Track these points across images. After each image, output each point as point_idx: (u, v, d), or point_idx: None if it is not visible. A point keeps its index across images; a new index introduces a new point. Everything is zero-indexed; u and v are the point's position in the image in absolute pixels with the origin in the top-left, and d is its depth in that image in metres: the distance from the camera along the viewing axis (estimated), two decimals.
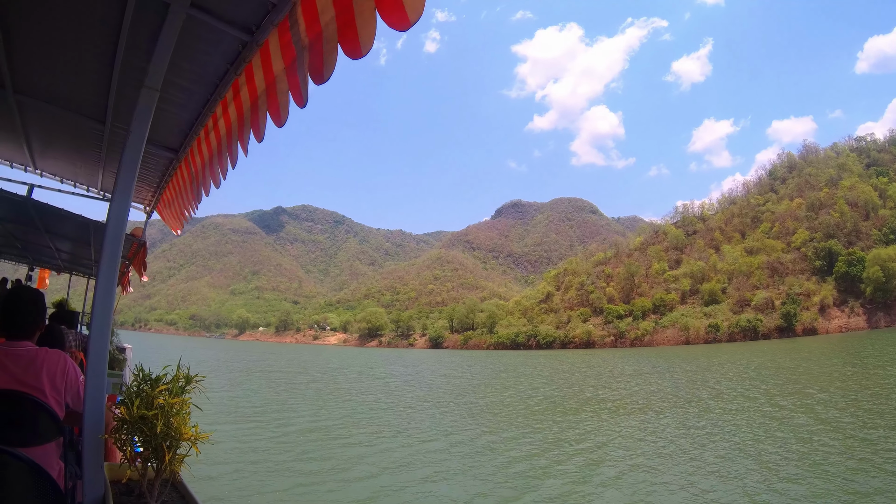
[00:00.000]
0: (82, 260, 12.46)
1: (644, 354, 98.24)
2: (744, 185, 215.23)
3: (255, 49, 3.36)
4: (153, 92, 3.22)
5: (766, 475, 14.23)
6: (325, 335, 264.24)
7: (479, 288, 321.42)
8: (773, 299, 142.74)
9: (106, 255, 3.10)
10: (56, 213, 6.47)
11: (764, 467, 15.01)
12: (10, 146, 6.89)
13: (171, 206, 7.21)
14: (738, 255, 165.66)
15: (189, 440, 2.82)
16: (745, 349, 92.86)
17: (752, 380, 38.51)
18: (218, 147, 4.52)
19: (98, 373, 3.02)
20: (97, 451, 2.94)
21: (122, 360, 11.02)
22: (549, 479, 14.77)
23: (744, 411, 24.56)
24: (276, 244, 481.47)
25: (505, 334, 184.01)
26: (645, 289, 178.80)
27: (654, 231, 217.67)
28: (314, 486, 13.74)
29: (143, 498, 2.88)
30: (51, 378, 2.98)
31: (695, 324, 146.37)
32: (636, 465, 15.93)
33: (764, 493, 12.83)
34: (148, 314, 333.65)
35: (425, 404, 29.95)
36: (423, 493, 13.41)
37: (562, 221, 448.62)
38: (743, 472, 14.54)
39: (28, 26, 3.81)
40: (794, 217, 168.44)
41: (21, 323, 3.06)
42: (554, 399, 32.64)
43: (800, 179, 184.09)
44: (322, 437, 20.17)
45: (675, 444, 18.55)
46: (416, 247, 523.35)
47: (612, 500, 12.96)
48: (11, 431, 2.80)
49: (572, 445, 18.87)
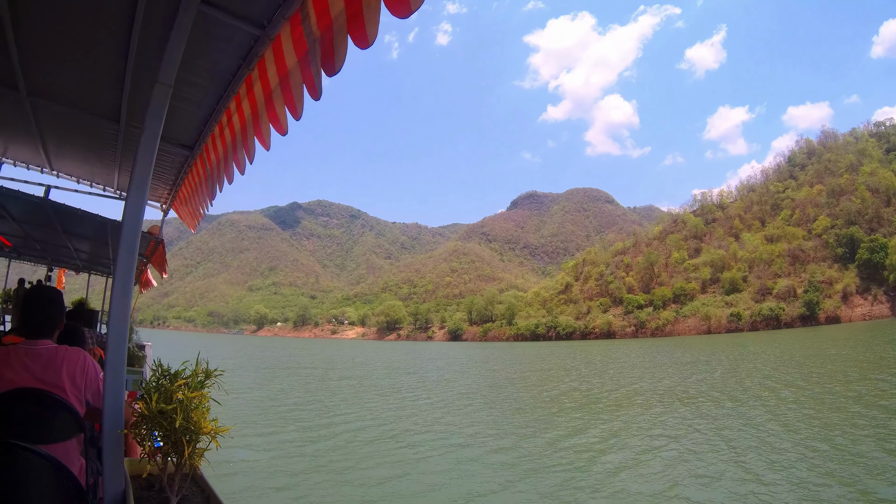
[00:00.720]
0: (101, 259, 12.57)
1: (672, 344, 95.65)
2: (762, 172, 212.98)
3: (266, 43, 3.37)
4: (166, 89, 3.22)
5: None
6: (344, 329, 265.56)
7: (496, 280, 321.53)
8: (795, 287, 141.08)
9: (122, 253, 3.11)
10: (73, 213, 6.51)
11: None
12: (26, 148, 6.95)
13: (188, 203, 7.23)
14: (759, 243, 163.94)
15: (209, 434, 2.84)
16: (773, 338, 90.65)
17: (805, 367, 37.24)
18: (233, 142, 4.53)
19: (117, 369, 3.05)
20: (117, 446, 2.97)
21: (141, 357, 11.13)
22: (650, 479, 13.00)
23: (825, 399, 23.21)
24: (292, 239, 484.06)
25: (524, 325, 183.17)
26: (665, 278, 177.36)
27: (672, 220, 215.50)
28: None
29: (163, 492, 2.90)
30: (71, 375, 3.00)
31: (716, 313, 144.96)
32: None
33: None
34: (166, 312, 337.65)
35: (473, 400, 27.93)
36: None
37: (578, 212, 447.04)
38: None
39: (40, 29, 3.83)
40: (814, 204, 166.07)
41: (40, 322, 3.08)
42: (603, 391, 30.91)
43: (819, 166, 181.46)
44: (378, 438, 18.02)
45: (778, 435, 16.66)
46: (431, 239, 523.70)
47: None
48: (33, 429, 2.82)
49: (645, 440, 17.23)
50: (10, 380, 2.82)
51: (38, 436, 2.81)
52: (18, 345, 3.00)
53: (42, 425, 2.87)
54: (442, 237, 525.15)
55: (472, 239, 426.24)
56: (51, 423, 2.90)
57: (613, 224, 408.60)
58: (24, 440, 2.29)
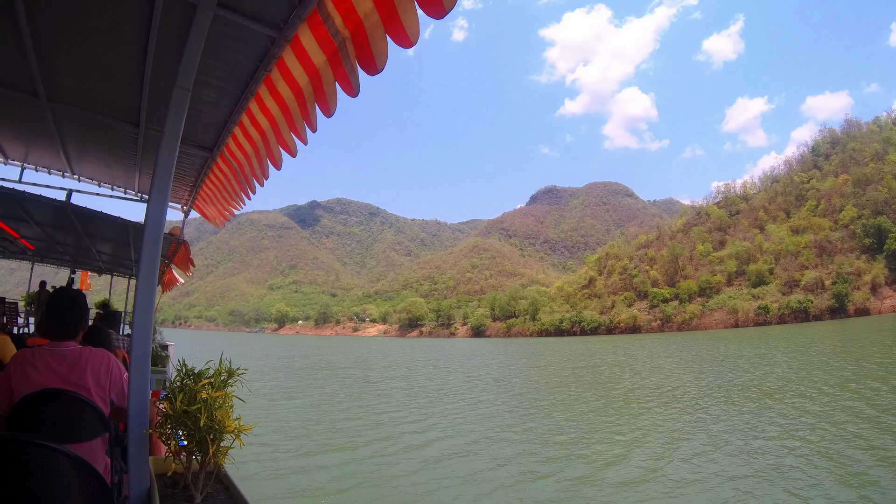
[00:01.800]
0: (122, 261, 12.71)
1: (704, 338, 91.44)
2: (786, 162, 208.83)
3: (283, 44, 3.41)
4: (185, 92, 3.25)
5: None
6: (365, 327, 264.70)
7: (517, 275, 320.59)
8: (823, 279, 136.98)
9: (145, 254, 3.16)
10: (95, 216, 6.59)
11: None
12: (47, 153, 7.04)
13: (213, 203, 7.32)
14: (784, 235, 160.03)
15: (232, 432, 2.87)
16: (807, 330, 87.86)
17: (873, 357, 36.37)
18: (263, 141, 4.61)
19: (141, 369, 3.09)
20: (142, 445, 3.01)
21: (164, 357, 11.27)
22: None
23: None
24: (311, 238, 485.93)
25: (548, 321, 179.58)
26: (690, 271, 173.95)
27: (696, 212, 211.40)
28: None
29: (187, 490, 2.94)
30: (95, 376, 3.04)
31: (744, 306, 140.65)
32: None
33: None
34: (187, 311, 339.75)
35: (541, 402, 24.99)
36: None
37: (597, 206, 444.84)
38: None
39: (57, 36, 3.89)
40: (840, 194, 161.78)
41: (64, 324, 3.12)
42: (673, 388, 27.85)
43: (844, 155, 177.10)
44: (461, 453, 15.11)
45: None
46: (451, 236, 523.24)
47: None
48: (59, 429, 2.87)
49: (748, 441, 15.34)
50: (37, 381, 2.87)
51: (65, 435, 2.86)
52: (44, 346, 3.05)
53: (68, 425, 2.91)
54: (461, 233, 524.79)
55: (491, 234, 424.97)
56: (76, 423, 2.95)
57: (634, 218, 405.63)
58: (50, 440, 2.32)
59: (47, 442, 2.31)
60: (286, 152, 4.35)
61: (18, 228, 9.26)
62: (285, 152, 4.36)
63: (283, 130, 4.15)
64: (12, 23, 3.65)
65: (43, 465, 2.31)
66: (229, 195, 6.55)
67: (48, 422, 2.86)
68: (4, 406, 2.85)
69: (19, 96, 5.02)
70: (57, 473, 2.34)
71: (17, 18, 3.57)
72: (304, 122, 3.72)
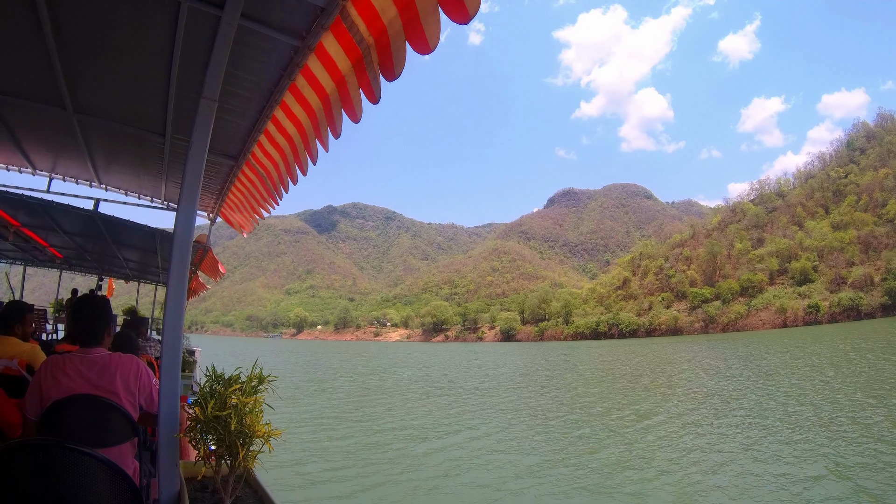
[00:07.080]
0: (149, 268, 12.88)
1: (757, 340, 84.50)
2: (819, 157, 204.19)
3: (307, 53, 3.44)
4: (211, 103, 3.30)
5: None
6: (387, 331, 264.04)
7: (538, 278, 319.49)
8: (872, 275, 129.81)
9: (175, 262, 3.21)
10: (122, 224, 6.69)
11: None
12: (75, 163, 7.14)
13: (239, 210, 7.41)
14: (826, 231, 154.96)
15: (262, 437, 2.91)
16: (862, 329, 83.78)
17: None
18: (291, 148, 4.65)
19: (172, 374, 3.13)
20: (172, 449, 3.05)
21: (192, 362, 11.38)
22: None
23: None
24: (328, 242, 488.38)
25: (583, 324, 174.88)
26: (728, 270, 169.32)
27: (730, 209, 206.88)
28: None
29: (217, 494, 2.98)
30: (124, 381, 3.09)
31: (792, 305, 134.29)
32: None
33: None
34: (204, 316, 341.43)
35: (647, 420, 20.12)
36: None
37: (616, 208, 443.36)
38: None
39: (83, 49, 3.97)
40: (881, 188, 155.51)
41: (90, 330, 3.16)
42: (790, 392, 24.38)
43: (881, 149, 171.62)
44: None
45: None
46: (468, 239, 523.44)
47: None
48: (89, 433, 2.92)
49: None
50: (67, 387, 2.92)
51: (95, 440, 2.91)
52: (74, 353, 3.10)
53: (98, 430, 2.96)
54: (478, 237, 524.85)
55: (510, 238, 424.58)
56: (106, 428, 2.99)
57: (653, 219, 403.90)
58: (81, 444, 2.37)
59: (78, 446, 2.36)
60: (311, 159, 4.40)
61: (47, 237, 9.42)
62: (310, 159, 4.41)
63: (310, 137, 4.19)
64: (38, 37, 3.72)
65: (75, 469, 2.36)
66: (256, 202, 6.62)
67: (79, 427, 2.90)
68: (36, 411, 2.89)
69: (47, 108, 5.10)
70: (89, 477, 2.39)
71: (44, 33, 3.63)
72: (329, 128, 3.76)
